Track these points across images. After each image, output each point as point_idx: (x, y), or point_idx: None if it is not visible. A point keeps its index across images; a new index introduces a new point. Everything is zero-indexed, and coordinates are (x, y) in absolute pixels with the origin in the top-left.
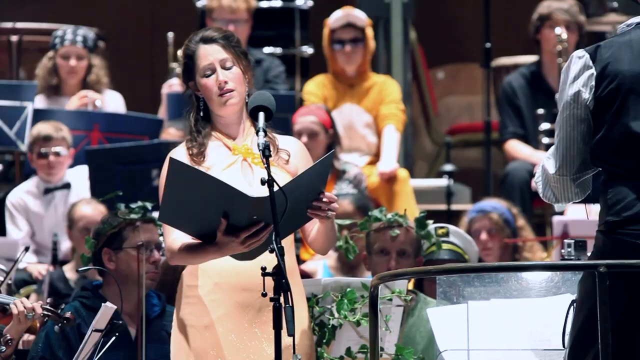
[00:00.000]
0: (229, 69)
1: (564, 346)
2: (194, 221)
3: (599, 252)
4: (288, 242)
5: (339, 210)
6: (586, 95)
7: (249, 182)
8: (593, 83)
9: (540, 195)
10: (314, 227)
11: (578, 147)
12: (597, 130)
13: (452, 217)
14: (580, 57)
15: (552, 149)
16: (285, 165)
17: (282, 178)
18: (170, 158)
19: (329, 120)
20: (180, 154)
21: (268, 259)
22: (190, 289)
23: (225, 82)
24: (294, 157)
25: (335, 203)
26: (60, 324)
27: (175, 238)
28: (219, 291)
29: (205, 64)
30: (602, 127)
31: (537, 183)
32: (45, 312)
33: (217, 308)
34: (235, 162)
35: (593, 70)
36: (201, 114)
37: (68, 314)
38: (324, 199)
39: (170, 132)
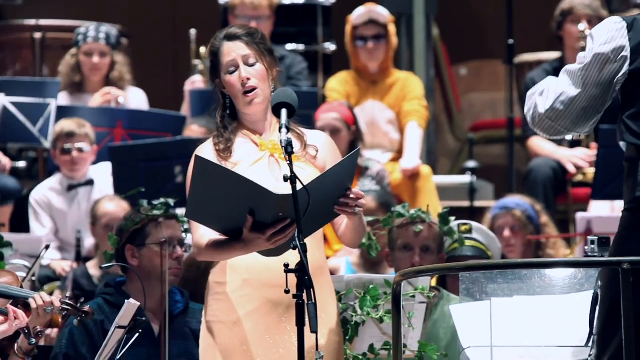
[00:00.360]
0: (252, 65)
1: (588, 344)
2: (221, 218)
3: (626, 231)
4: (317, 238)
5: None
6: (614, 65)
7: (276, 178)
8: (627, 54)
9: (525, 109)
10: (343, 222)
11: (582, 107)
12: (628, 105)
13: (475, 213)
14: (616, 23)
15: (552, 88)
16: (314, 160)
17: (311, 173)
18: (196, 156)
19: (351, 117)
20: (207, 150)
21: (296, 255)
22: (219, 285)
23: (248, 79)
24: (322, 151)
25: (362, 199)
26: (79, 317)
27: (203, 234)
28: (248, 287)
29: (228, 60)
30: (634, 103)
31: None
32: (64, 306)
33: (246, 304)
34: (263, 158)
35: (627, 41)
36: (227, 110)
37: (86, 307)
38: (351, 195)
39: (193, 129)
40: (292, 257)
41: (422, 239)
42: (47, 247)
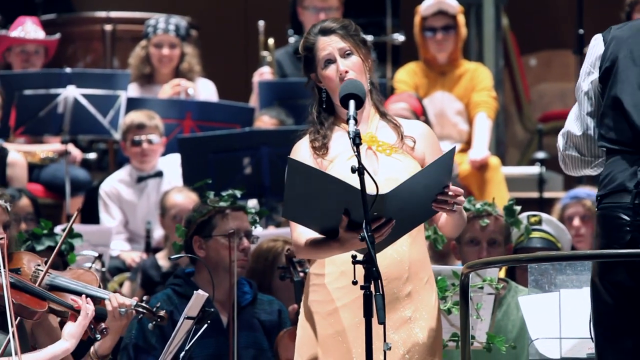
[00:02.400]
0: (348, 57)
1: None
2: (316, 217)
3: (595, 233)
4: (415, 231)
5: None
6: (593, 75)
7: (374, 171)
8: (599, 62)
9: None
10: (442, 214)
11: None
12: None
13: (544, 204)
14: (595, 39)
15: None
16: (411, 152)
17: (408, 165)
18: (289, 158)
19: (420, 108)
20: (303, 147)
21: (400, 251)
22: (317, 277)
23: (346, 72)
24: (420, 142)
25: (461, 196)
26: (154, 322)
27: (300, 232)
28: (345, 279)
29: (324, 54)
30: (601, 105)
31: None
32: (140, 309)
33: (343, 296)
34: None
35: (601, 50)
36: (324, 105)
37: (162, 313)
38: (450, 193)
39: (263, 120)
40: (391, 249)
41: (488, 232)
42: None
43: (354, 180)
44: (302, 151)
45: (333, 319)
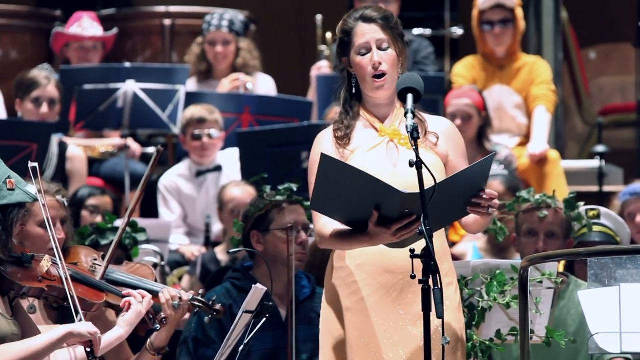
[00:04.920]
0: (384, 50)
1: None
2: (345, 210)
3: None
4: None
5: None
6: None
7: (394, 163)
8: None
9: None
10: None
11: None
12: None
13: (604, 198)
14: None
15: None
16: (434, 147)
17: (429, 160)
18: (322, 154)
19: (481, 102)
20: (326, 137)
21: (419, 244)
22: (336, 270)
23: (380, 63)
24: (443, 139)
25: (495, 200)
26: (210, 316)
27: (325, 223)
28: (362, 273)
29: (361, 42)
30: None
31: None
32: (196, 303)
33: (360, 290)
34: (381, 143)
35: None
36: (353, 90)
37: (218, 306)
38: (484, 196)
39: (336, 111)
40: (415, 244)
41: (547, 224)
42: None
43: (382, 175)
44: (324, 141)
45: (351, 314)
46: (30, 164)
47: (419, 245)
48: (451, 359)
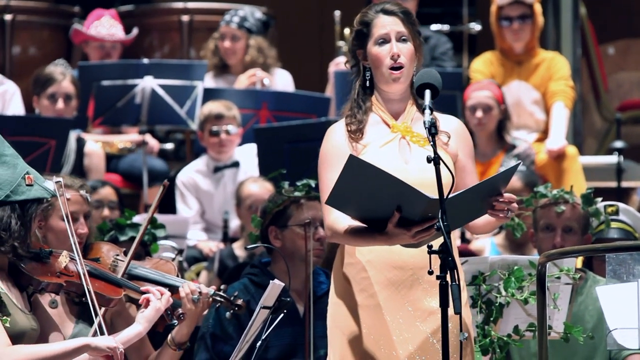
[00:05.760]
0: (404, 42)
1: None
2: (363, 209)
3: None
4: None
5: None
6: None
7: (405, 160)
8: None
9: None
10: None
11: None
12: None
13: (622, 194)
14: None
15: None
16: (445, 147)
17: (442, 158)
18: (350, 155)
19: (501, 95)
20: (338, 130)
21: (432, 242)
22: (345, 266)
23: (398, 55)
24: (454, 138)
25: (514, 203)
26: (231, 311)
27: (337, 217)
28: (371, 269)
29: (382, 32)
30: None
31: None
32: (217, 298)
33: (368, 286)
34: (393, 140)
35: None
36: (367, 83)
37: (240, 301)
38: (502, 200)
39: (348, 106)
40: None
41: (564, 219)
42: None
43: (395, 172)
44: (337, 133)
45: (360, 310)
46: (55, 179)
47: (434, 243)
48: (463, 354)
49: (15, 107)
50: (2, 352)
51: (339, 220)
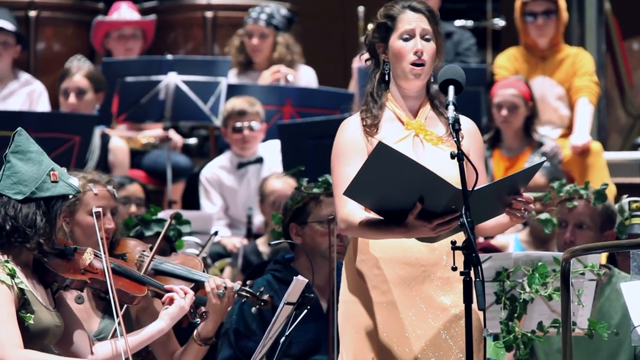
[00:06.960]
0: (427, 41)
1: None
2: (383, 199)
3: None
4: None
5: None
6: None
7: (419, 158)
8: None
9: None
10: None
11: None
12: None
13: None
14: None
15: None
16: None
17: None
18: (380, 142)
19: (528, 92)
20: (353, 124)
21: (449, 237)
22: (358, 263)
23: (422, 52)
24: (466, 138)
25: (532, 204)
26: (257, 306)
27: (352, 209)
28: (382, 265)
29: (407, 28)
30: None
31: None
32: (243, 293)
33: (380, 283)
34: (407, 137)
35: None
36: (386, 77)
37: (266, 297)
38: (521, 199)
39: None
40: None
41: (575, 214)
42: (216, 233)
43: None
44: (351, 127)
45: (373, 307)
46: (95, 209)
47: (448, 240)
48: (476, 349)
49: (42, 107)
50: (10, 353)
51: (354, 212)
